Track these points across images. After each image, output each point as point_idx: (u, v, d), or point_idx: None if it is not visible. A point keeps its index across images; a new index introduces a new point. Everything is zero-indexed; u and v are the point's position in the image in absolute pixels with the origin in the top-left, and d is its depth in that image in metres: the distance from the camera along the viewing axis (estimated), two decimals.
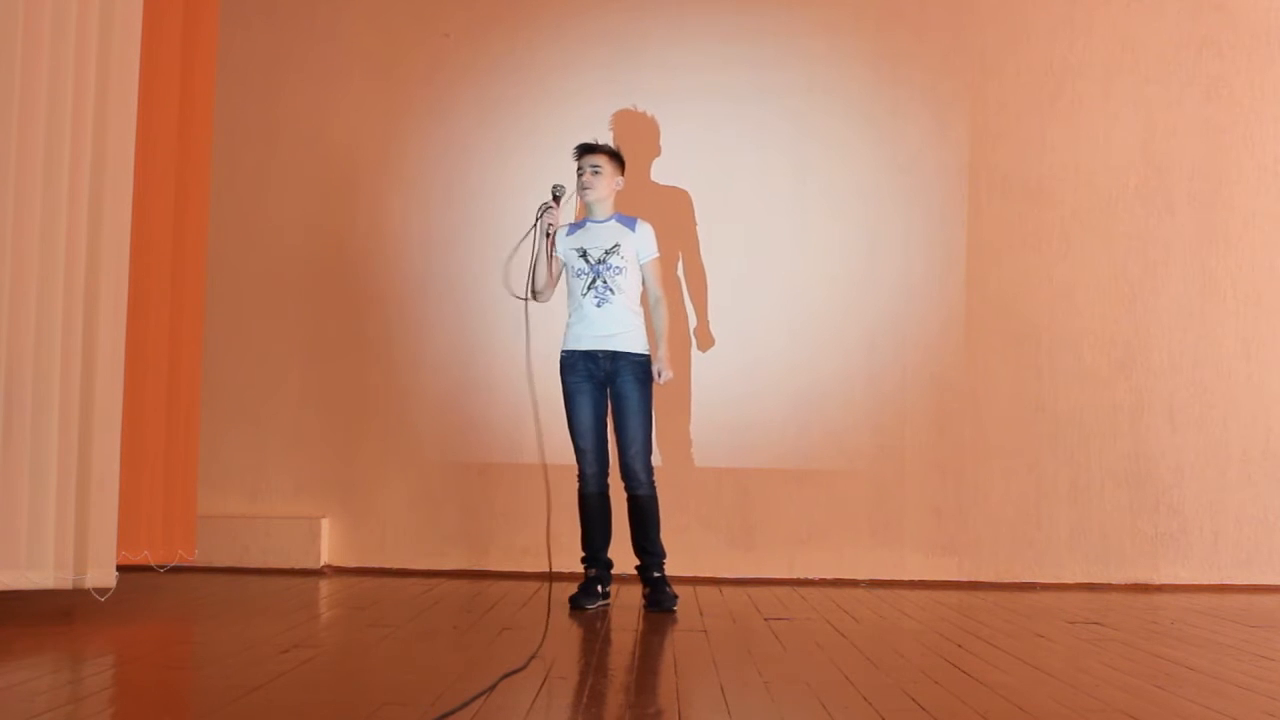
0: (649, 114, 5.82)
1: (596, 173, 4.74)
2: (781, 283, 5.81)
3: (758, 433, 5.75)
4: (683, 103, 5.84)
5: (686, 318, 5.77)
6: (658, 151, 5.83)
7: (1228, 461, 5.76)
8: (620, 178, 4.83)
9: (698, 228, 5.81)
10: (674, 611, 4.53)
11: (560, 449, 4.87)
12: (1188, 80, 5.89)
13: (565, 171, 5.49)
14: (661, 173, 5.84)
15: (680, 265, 5.76)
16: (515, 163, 5.87)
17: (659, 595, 4.60)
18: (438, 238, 5.90)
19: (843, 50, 5.90)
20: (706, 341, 5.76)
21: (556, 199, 4.73)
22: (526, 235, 4.68)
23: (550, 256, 4.70)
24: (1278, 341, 5.82)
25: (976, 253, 5.83)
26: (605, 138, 5.20)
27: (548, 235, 4.67)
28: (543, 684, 3.17)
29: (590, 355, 4.69)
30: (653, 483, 4.68)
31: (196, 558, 4.88)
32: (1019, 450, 5.76)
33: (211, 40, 4.97)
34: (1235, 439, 5.77)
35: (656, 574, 4.65)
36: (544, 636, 3.81)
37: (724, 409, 5.75)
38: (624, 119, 5.78)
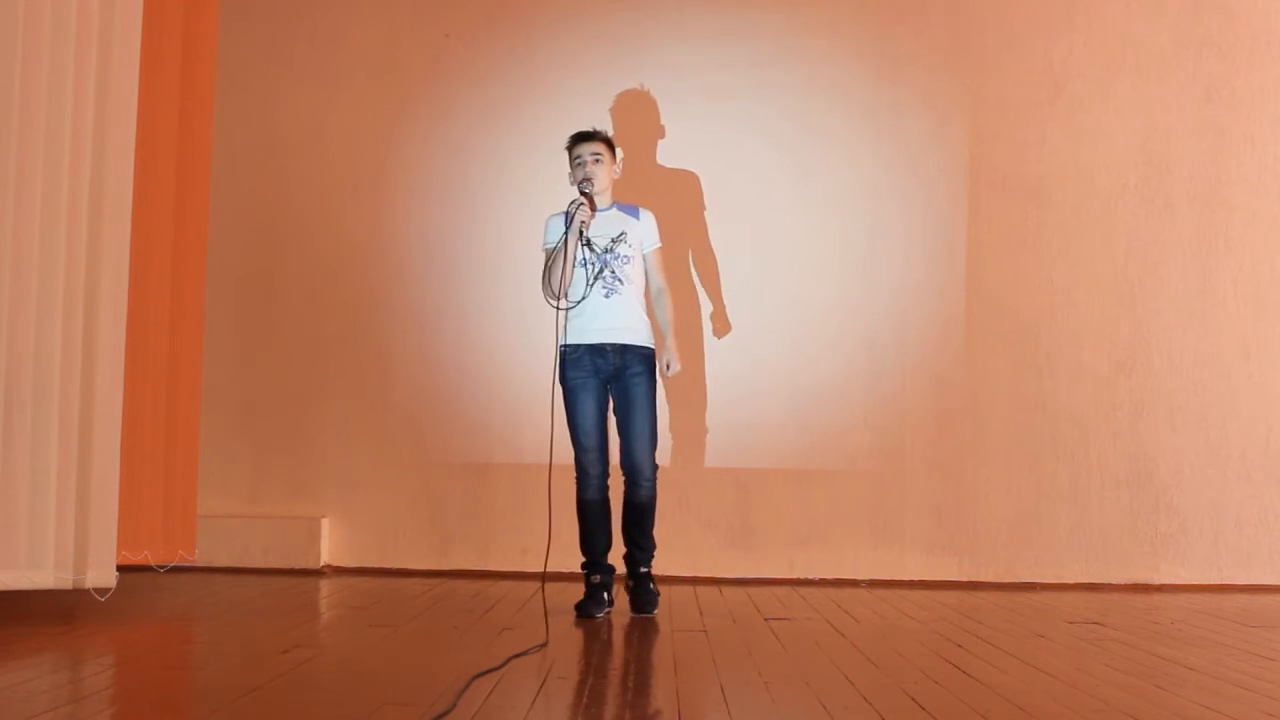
0: (650, 92, 5.80)
1: (598, 161, 4.59)
2: (781, 282, 5.82)
3: (758, 433, 5.75)
4: (683, 103, 5.84)
5: (699, 306, 5.76)
6: (661, 132, 5.82)
7: (1228, 461, 5.76)
8: (616, 165, 4.70)
9: (705, 212, 5.80)
10: (653, 612, 4.48)
11: (561, 447, 4.84)
12: (1188, 80, 5.89)
13: (564, 171, 5.51)
14: (663, 170, 5.85)
15: (690, 252, 5.77)
16: (515, 162, 5.88)
17: (643, 594, 4.50)
18: (437, 237, 5.90)
19: (843, 50, 5.90)
20: (724, 327, 5.73)
21: (587, 195, 4.52)
22: (570, 239, 4.44)
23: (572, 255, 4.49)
24: (1278, 341, 5.82)
25: (976, 252, 5.83)
26: (603, 121, 5.10)
27: (581, 233, 4.49)
28: (543, 684, 3.17)
29: (598, 349, 4.51)
30: (655, 480, 4.57)
31: (196, 558, 4.88)
32: (1019, 450, 5.76)
33: (211, 41, 4.97)
34: (1235, 439, 5.77)
35: (644, 569, 4.57)
36: (546, 639, 3.82)
37: (724, 409, 5.75)
38: (626, 99, 5.78)
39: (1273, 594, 5.51)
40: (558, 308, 4.48)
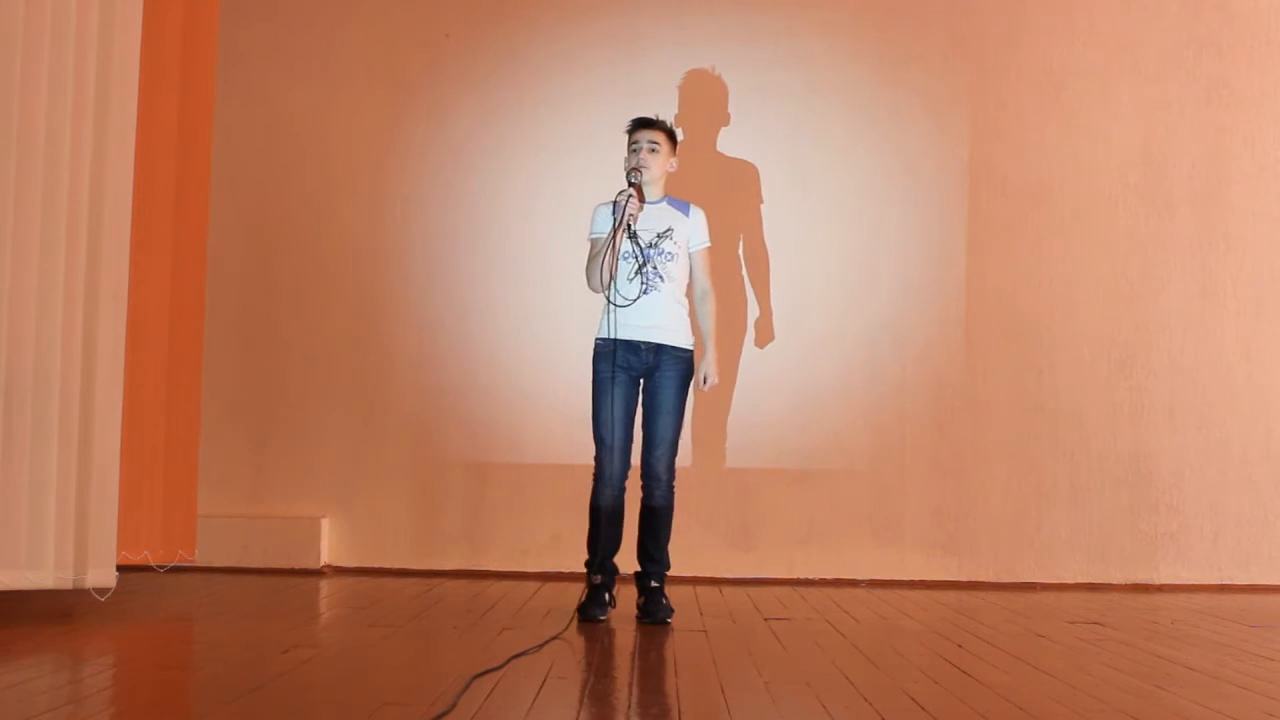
0: (722, 78, 5.74)
1: (654, 150, 4.42)
2: (782, 283, 5.81)
3: (758, 433, 5.75)
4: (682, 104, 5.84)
5: (748, 306, 5.75)
6: (726, 119, 5.76)
7: (1228, 462, 5.76)
8: (674, 159, 4.54)
9: (762, 206, 5.76)
10: (668, 624, 4.30)
11: (562, 447, 4.85)
12: (1188, 80, 5.88)
13: (565, 171, 5.52)
14: (720, 158, 5.81)
15: (740, 249, 5.73)
16: (515, 163, 5.87)
17: (654, 607, 4.35)
18: (438, 237, 5.90)
19: (842, 51, 5.90)
20: (767, 336, 5.68)
21: (635, 185, 4.38)
22: (618, 230, 4.32)
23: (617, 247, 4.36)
24: (1278, 342, 5.82)
25: (976, 252, 5.83)
26: (664, 112, 4.75)
27: (628, 226, 4.36)
28: (543, 684, 3.17)
29: (631, 345, 4.37)
30: (673, 487, 4.46)
31: (196, 558, 4.87)
32: (1019, 450, 5.76)
33: (211, 40, 4.96)
34: (1235, 439, 5.77)
35: (655, 584, 4.43)
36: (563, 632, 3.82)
37: (724, 409, 5.75)
38: (693, 80, 5.73)
39: (1273, 594, 5.52)
40: (612, 303, 4.35)
